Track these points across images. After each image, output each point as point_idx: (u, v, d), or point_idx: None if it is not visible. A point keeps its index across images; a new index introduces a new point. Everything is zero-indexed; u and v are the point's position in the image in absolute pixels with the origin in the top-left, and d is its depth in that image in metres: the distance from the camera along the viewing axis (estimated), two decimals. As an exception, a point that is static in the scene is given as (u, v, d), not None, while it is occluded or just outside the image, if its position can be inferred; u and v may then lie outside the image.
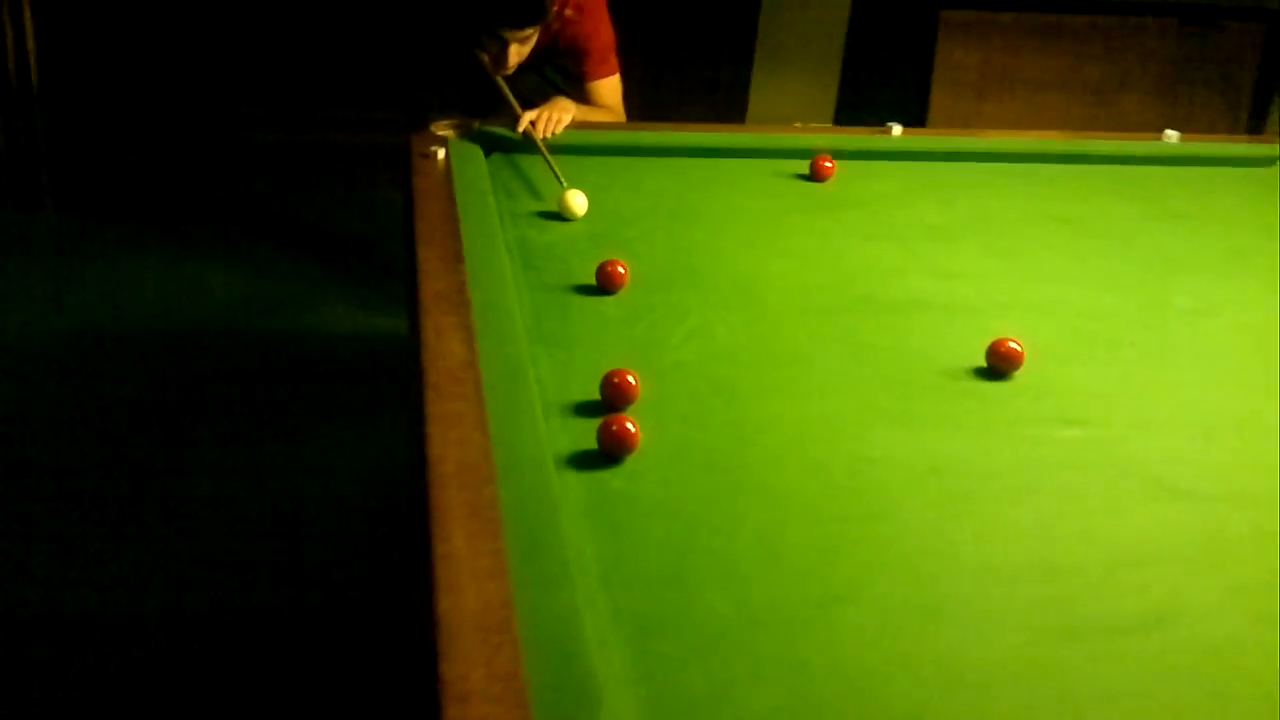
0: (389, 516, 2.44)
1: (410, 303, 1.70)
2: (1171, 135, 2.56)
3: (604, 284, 1.82)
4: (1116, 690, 1.08)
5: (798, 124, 2.41)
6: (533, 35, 2.55)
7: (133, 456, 2.67)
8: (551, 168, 2.27)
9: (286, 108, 4.23)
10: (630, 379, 1.48)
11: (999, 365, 1.61)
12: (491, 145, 2.41)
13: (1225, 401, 1.59)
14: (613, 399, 1.47)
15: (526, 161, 2.38)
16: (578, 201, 2.10)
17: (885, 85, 4.43)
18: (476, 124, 2.44)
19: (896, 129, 2.52)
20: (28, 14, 3.90)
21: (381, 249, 3.83)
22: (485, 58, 2.59)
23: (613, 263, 1.83)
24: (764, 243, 2.06)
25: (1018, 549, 1.27)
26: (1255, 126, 4.59)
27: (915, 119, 4.29)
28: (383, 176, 3.92)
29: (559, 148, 2.38)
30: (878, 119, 2.69)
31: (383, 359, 3.13)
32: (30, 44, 3.94)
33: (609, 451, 1.37)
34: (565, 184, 2.18)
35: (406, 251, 1.88)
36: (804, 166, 2.39)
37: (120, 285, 3.52)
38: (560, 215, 2.12)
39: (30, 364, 3.04)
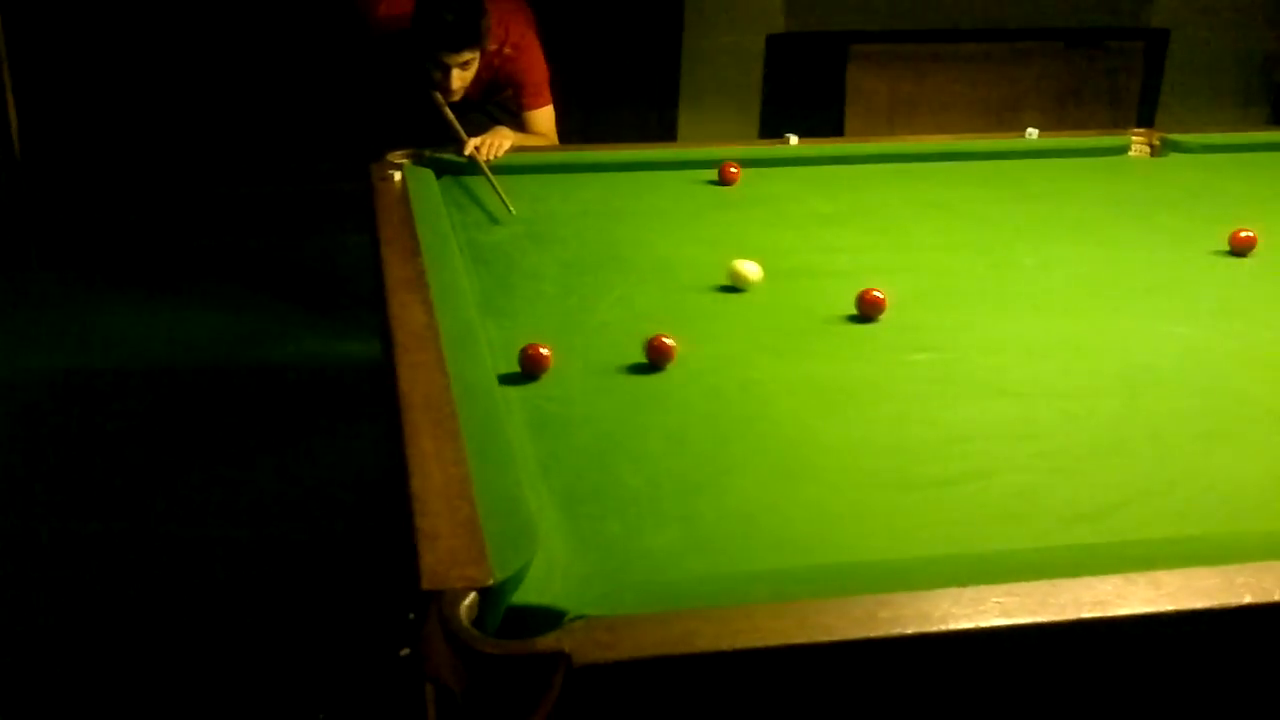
0: (366, 492, 2.75)
1: (379, 290, 2.03)
2: (1033, 132, 2.95)
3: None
4: (939, 520, 1.41)
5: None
6: (472, 61, 2.91)
7: (135, 465, 2.96)
8: (494, 186, 2.61)
9: (255, 162, 4.57)
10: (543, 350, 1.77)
11: (865, 310, 1.96)
12: (442, 169, 2.75)
13: (1050, 331, 1.95)
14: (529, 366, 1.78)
15: (473, 182, 2.72)
16: (748, 268, 2.09)
17: (803, 114, 4.82)
18: (428, 152, 2.78)
19: (793, 139, 2.89)
20: (8, 86, 4.22)
21: (348, 285, 4.14)
22: (438, 96, 2.94)
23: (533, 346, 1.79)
24: (678, 234, 2.41)
25: (870, 433, 1.61)
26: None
27: (831, 142, 4.68)
28: (346, 223, 4.26)
29: (503, 168, 2.72)
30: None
31: (353, 379, 3.43)
32: (12, 116, 4.25)
33: (528, 370, 1.72)
34: (512, 211, 2.47)
35: (373, 254, 2.20)
36: (715, 174, 2.74)
37: (107, 330, 3.80)
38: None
39: (30, 404, 3.32)
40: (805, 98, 4.82)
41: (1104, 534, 1.39)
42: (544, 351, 1.73)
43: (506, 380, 1.72)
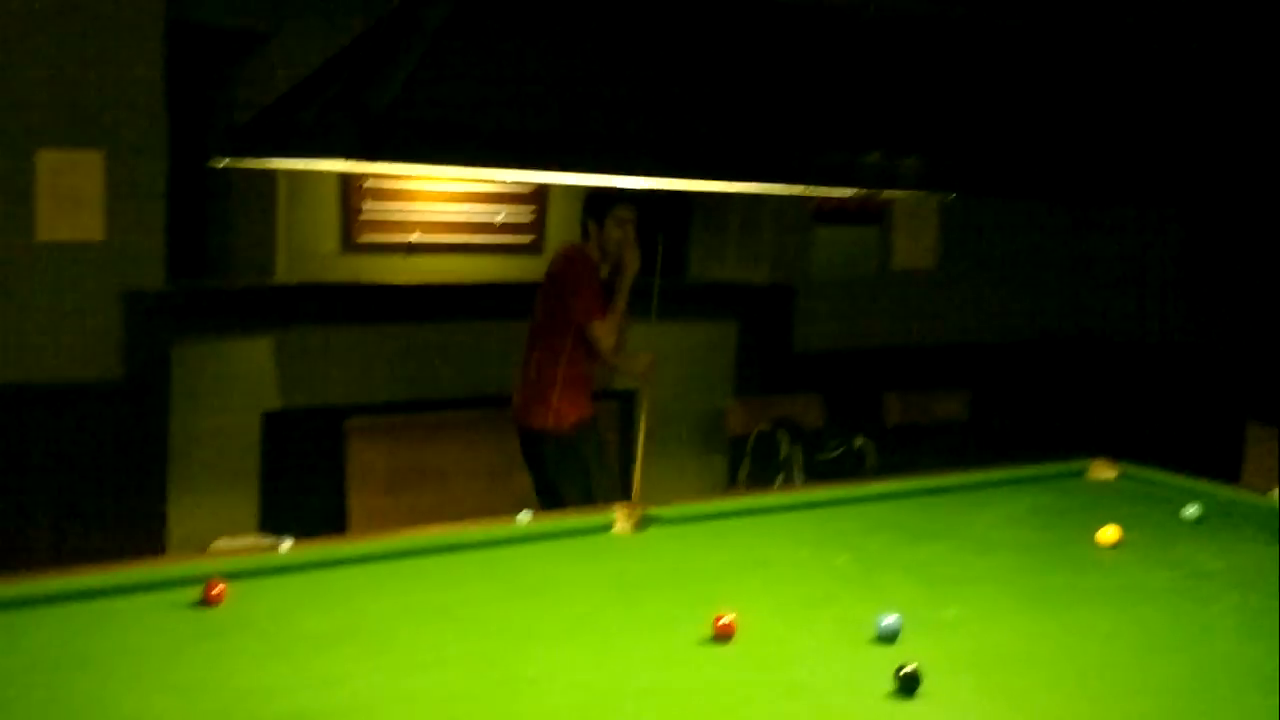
0: None
1: None
2: (525, 515, 3.04)
3: None
4: None
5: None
6: None
7: None
8: None
9: None
10: None
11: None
12: None
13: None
14: None
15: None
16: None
17: (305, 492, 4.71)
18: None
19: (286, 544, 2.74)
20: None
21: None
22: None
23: None
24: (149, 682, 2.10)
25: None
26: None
27: (335, 523, 4.59)
28: None
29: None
30: (301, 526, 2.86)
31: None
32: None
33: None
34: None
35: None
36: (199, 593, 2.49)
37: None
38: None
39: None
40: (308, 476, 4.73)
41: None
42: None
43: None
